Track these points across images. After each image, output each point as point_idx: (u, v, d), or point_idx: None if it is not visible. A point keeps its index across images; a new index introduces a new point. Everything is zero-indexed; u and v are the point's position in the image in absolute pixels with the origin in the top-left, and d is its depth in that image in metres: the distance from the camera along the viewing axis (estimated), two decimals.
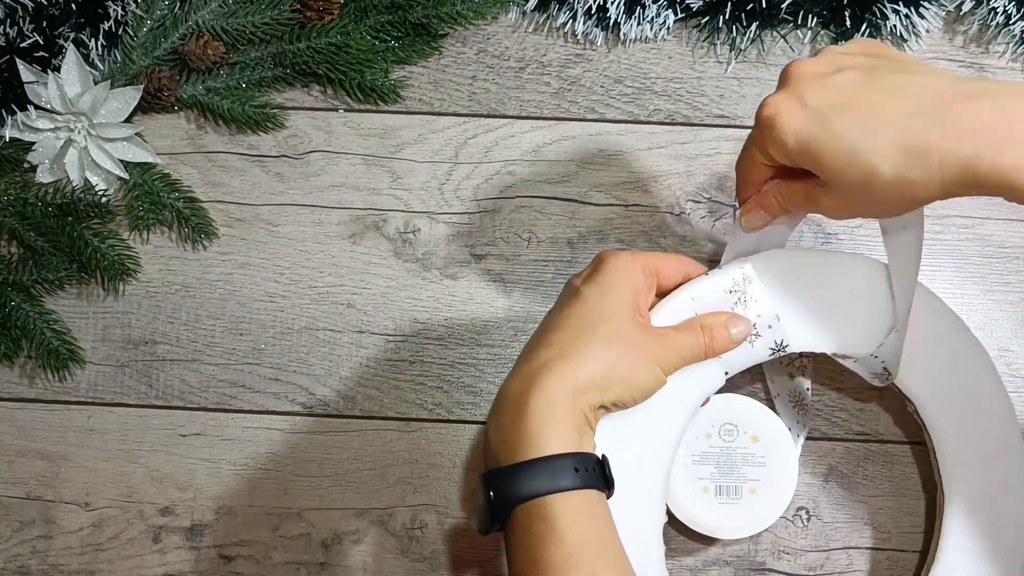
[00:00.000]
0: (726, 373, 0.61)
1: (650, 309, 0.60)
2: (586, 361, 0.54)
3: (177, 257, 0.73)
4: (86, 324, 0.73)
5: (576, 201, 0.73)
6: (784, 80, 0.52)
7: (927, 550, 0.68)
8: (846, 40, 0.72)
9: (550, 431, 0.52)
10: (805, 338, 0.62)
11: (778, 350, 0.62)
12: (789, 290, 0.62)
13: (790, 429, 0.67)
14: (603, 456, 0.54)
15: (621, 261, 0.57)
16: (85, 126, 0.71)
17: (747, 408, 0.66)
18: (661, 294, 0.61)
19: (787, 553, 0.70)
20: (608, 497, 0.54)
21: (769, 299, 0.61)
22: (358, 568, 0.71)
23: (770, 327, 0.61)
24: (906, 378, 0.63)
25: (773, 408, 0.69)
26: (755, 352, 0.61)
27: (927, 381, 0.63)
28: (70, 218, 0.71)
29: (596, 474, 0.52)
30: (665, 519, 0.61)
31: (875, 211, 0.52)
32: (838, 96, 0.49)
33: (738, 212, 0.60)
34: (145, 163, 0.72)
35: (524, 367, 0.55)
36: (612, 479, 0.54)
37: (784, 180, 0.56)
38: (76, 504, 0.72)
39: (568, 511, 0.51)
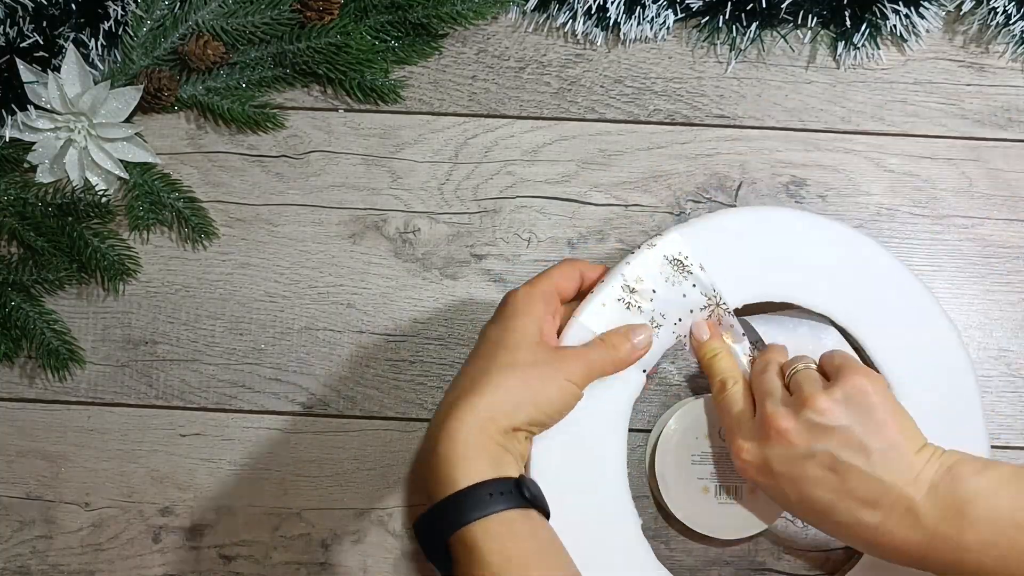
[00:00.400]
0: (643, 371, 0.64)
1: (559, 333, 0.63)
2: (487, 390, 0.57)
3: (177, 257, 0.73)
4: (86, 324, 0.73)
5: (576, 201, 0.73)
6: (765, 431, 0.59)
7: None
8: (846, 40, 0.72)
9: (458, 467, 0.55)
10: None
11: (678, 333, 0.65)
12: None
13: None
14: (520, 476, 0.56)
15: (519, 296, 0.61)
16: (85, 126, 0.71)
17: None
18: (574, 299, 0.65)
19: (787, 553, 0.70)
20: (544, 513, 0.57)
21: (658, 289, 0.64)
22: (358, 568, 0.71)
23: (663, 315, 0.64)
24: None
25: None
26: (660, 342, 0.64)
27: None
28: (70, 218, 0.71)
29: (513, 495, 0.55)
30: (640, 520, 0.64)
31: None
32: (801, 480, 0.58)
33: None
34: (145, 163, 0.72)
35: (437, 413, 0.59)
36: (534, 495, 0.56)
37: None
38: (76, 504, 0.72)
39: (487, 536, 0.53)
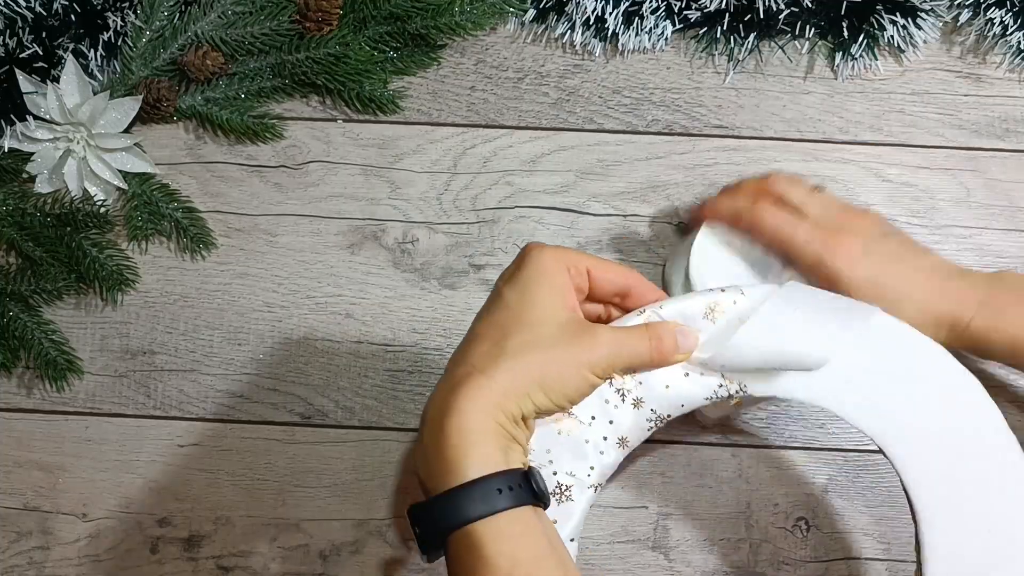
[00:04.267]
0: (595, 487, 0.55)
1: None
2: (501, 372, 0.51)
3: (175, 267, 0.73)
4: (84, 334, 0.73)
5: (574, 211, 0.73)
6: (850, 220, 0.63)
7: None
8: (844, 50, 0.72)
9: (469, 455, 0.50)
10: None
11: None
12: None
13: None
14: (529, 468, 0.52)
15: (545, 258, 0.54)
16: (84, 136, 0.71)
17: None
18: (595, 301, 0.58)
19: (787, 564, 0.70)
20: (545, 508, 0.52)
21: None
22: None
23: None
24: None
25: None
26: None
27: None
28: (69, 228, 0.71)
29: (523, 491, 0.50)
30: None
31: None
32: (885, 255, 0.63)
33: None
34: (144, 173, 0.72)
35: (441, 387, 0.53)
36: (542, 490, 0.52)
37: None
38: (74, 515, 0.72)
39: (495, 535, 0.49)
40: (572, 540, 0.54)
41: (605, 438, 0.55)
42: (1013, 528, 0.55)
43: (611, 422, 0.55)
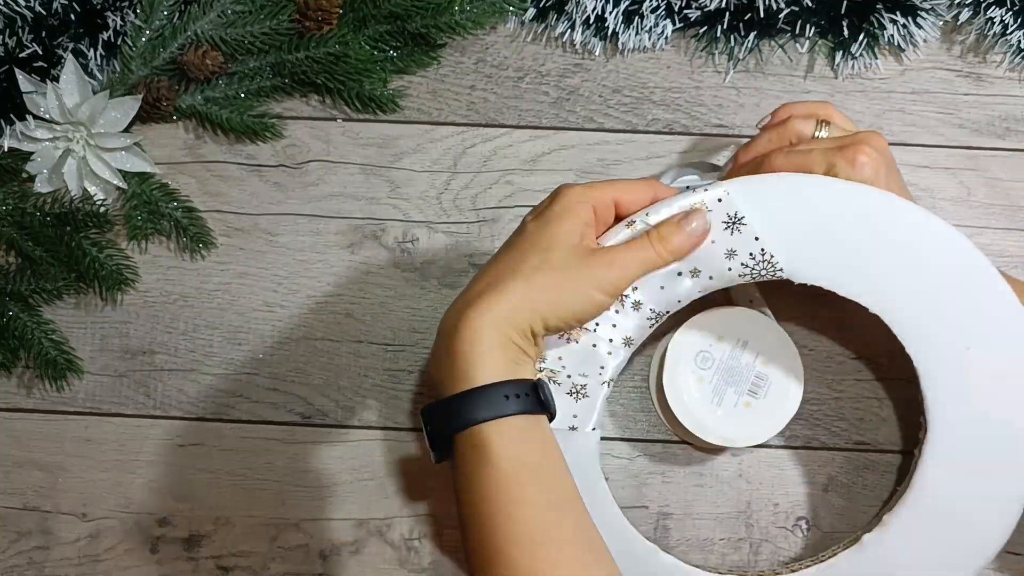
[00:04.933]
0: (593, 428, 0.62)
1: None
2: (511, 290, 0.56)
3: (175, 267, 0.73)
4: (84, 334, 0.73)
5: None
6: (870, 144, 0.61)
7: None
8: (844, 49, 0.72)
9: (480, 362, 0.54)
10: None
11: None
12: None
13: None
14: (538, 380, 0.56)
15: (572, 194, 0.59)
16: (84, 136, 0.71)
17: (742, 318, 0.67)
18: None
19: (787, 564, 0.70)
20: (550, 420, 0.56)
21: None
22: None
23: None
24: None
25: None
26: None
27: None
28: (68, 228, 0.71)
29: (530, 399, 0.54)
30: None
31: None
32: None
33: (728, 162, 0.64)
34: (143, 173, 0.72)
35: (457, 303, 0.57)
36: (549, 402, 0.56)
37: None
38: (73, 515, 0.72)
39: (500, 438, 0.53)
40: (594, 429, 0.62)
41: (611, 340, 0.61)
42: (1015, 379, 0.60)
43: (614, 325, 0.61)
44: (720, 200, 0.60)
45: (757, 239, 0.60)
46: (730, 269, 0.60)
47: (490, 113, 0.74)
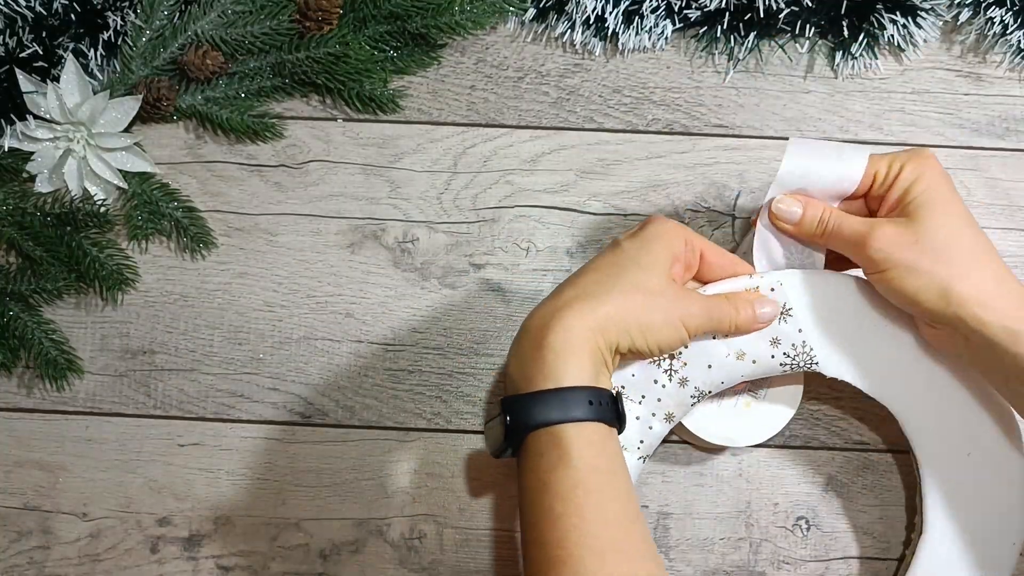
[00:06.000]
0: (641, 459, 0.62)
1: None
2: (609, 302, 0.56)
3: (176, 267, 0.73)
4: (84, 334, 0.73)
5: (575, 211, 0.73)
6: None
7: None
8: (844, 49, 0.72)
9: (567, 364, 0.54)
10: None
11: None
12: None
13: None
14: (617, 392, 0.56)
15: (668, 225, 0.59)
16: (84, 136, 0.71)
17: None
18: (701, 282, 0.62)
19: (787, 563, 0.70)
20: (619, 432, 0.57)
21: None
22: None
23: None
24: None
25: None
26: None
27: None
28: (69, 228, 0.71)
29: (608, 408, 0.55)
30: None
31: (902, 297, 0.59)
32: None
33: (765, 202, 0.62)
34: (144, 173, 0.72)
35: (549, 303, 0.57)
36: (624, 415, 0.56)
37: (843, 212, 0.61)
38: (74, 514, 0.72)
39: (580, 440, 0.53)
40: None
41: (654, 414, 0.61)
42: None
43: (659, 400, 0.61)
44: (773, 289, 0.61)
45: (800, 331, 0.61)
46: (773, 356, 0.61)
47: (490, 113, 0.74)
